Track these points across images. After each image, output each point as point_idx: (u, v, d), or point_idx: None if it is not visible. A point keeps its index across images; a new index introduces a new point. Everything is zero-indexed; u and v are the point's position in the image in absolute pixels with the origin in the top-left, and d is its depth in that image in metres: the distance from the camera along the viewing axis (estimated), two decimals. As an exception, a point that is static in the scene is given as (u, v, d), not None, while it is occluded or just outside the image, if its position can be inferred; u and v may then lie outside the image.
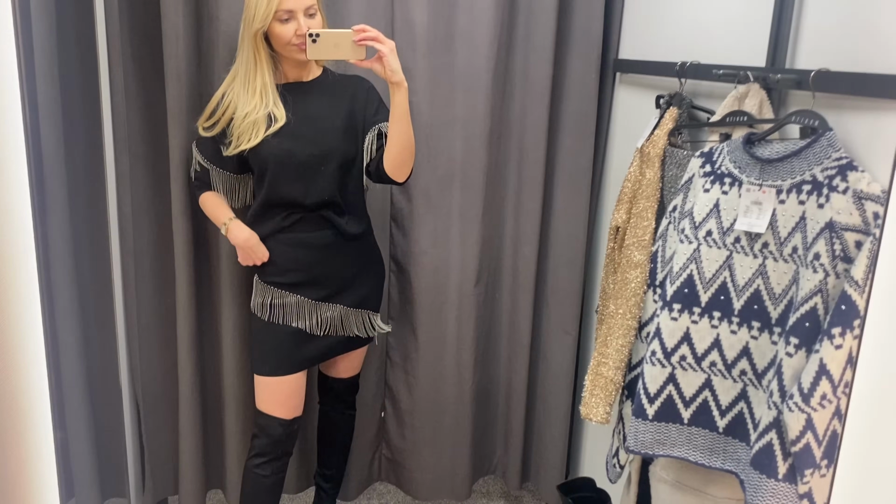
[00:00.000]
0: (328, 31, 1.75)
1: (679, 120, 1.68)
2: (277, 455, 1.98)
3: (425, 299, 2.31)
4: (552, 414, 2.50)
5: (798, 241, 1.30)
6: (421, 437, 2.43)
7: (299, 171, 1.85)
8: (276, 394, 1.95)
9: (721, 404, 1.45)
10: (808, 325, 1.25)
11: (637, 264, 1.60)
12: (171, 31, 1.97)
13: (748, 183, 1.38)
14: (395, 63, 1.73)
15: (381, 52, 1.72)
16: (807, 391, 1.22)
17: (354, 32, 1.73)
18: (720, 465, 1.46)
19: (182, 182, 2.06)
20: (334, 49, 1.75)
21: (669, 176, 1.63)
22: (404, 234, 2.29)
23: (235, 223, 1.92)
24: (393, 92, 1.77)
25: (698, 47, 1.79)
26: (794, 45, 1.44)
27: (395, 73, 1.74)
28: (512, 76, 2.24)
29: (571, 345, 2.43)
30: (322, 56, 1.77)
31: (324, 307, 1.96)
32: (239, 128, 1.83)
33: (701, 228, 1.44)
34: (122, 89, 2.03)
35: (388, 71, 1.73)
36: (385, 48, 1.72)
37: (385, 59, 1.72)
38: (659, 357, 1.47)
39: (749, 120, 1.45)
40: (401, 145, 1.83)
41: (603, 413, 1.66)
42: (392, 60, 1.72)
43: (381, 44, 1.72)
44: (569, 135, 2.30)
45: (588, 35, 2.22)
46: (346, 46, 1.74)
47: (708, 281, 1.43)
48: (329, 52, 1.76)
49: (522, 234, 2.36)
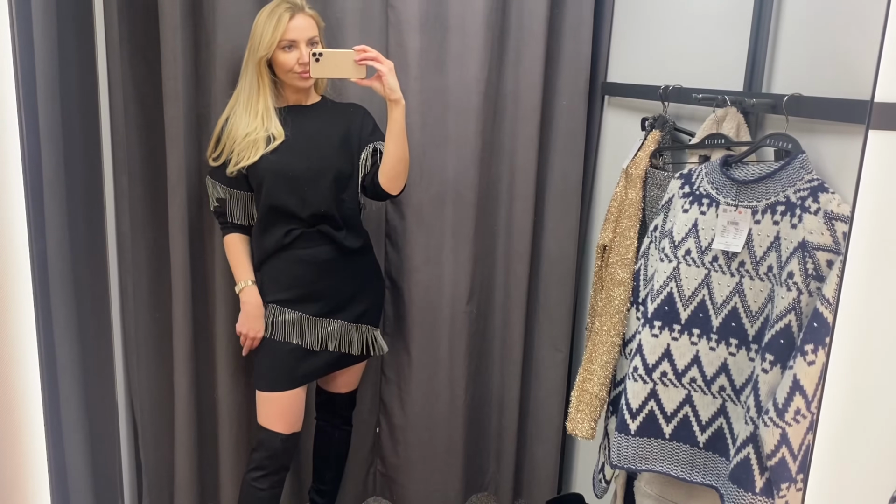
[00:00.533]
0: (331, 50, 1.84)
1: (661, 142, 1.72)
2: (275, 469, 2.02)
3: (418, 316, 2.35)
4: (544, 431, 2.52)
5: (773, 260, 1.34)
6: (414, 452, 2.45)
7: (295, 184, 1.92)
8: (275, 408, 2.00)
9: (701, 419, 1.48)
10: (782, 341, 1.29)
11: (620, 282, 1.64)
12: (170, 54, 2.03)
13: (725, 203, 1.42)
14: (394, 82, 1.82)
15: (380, 71, 1.81)
16: (781, 406, 1.25)
17: (355, 52, 1.81)
18: (701, 479, 1.49)
19: (179, 201, 2.11)
20: (336, 68, 1.83)
21: (651, 196, 1.67)
22: (398, 251, 2.33)
23: (252, 288, 2.02)
24: (391, 109, 1.86)
25: (681, 71, 1.84)
26: (769, 71, 1.49)
27: (393, 91, 1.83)
28: (503, 98, 2.30)
29: (562, 362, 2.47)
30: (325, 74, 1.85)
31: (324, 322, 2.00)
32: (239, 146, 1.91)
33: (680, 247, 1.48)
34: (121, 110, 2.08)
35: (386, 89, 1.82)
36: (384, 67, 1.81)
37: (384, 77, 1.81)
38: (641, 373, 1.51)
39: (727, 142, 1.50)
40: (396, 158, 1.91)
41: (588, 428, 1.69)
42: (391, 79, 1.81)
43: (380, 63, 1.81)
44: (559, 155, 2.35)
45: (577, 59, 2.28)
46: (347, 65, 1.82)
47: (687, 298, 1.47)
48: (331, 70, 1.84)
49: (514, 252, 2.40)
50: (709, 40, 1.74)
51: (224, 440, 2.32)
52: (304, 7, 1.90)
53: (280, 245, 1.97)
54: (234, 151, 1.93)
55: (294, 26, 1.87)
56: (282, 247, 1.97)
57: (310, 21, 1.90)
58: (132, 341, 2.24)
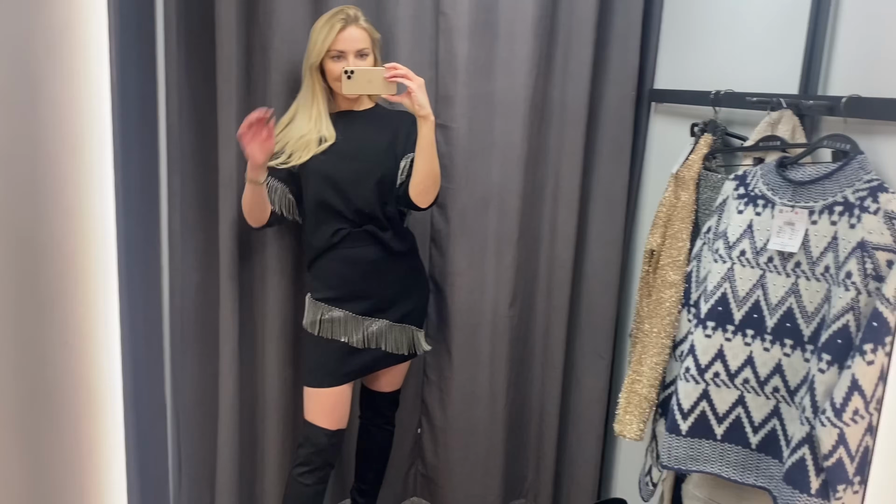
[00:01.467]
0: (362, 68, 1.89)
1: (713, 145, 1.73)
2: (320, 465, 2.05)
3: (460, 319, 2.37)
4: (584, 438, 2.52)
5: (830, 261, 1.34)
6: (454, 455, 2.46)
7: (341, 185, 1.98)
8: (322, 405, 2.04)
9: (754, 421, 1.48)
10: (840, 342, 1.28)
11: (672, 284, 1.65)
12: (225, 58, 2.08)
13: (781, 204, 1.42)
14: (423, 98, 1.85)
15: (410, 87, 1.84)
16: (839, 406, 1.25)
17: (386, 69, 1.85)
18: (753, 481, 1.48)
19: (230, 202, 2.16)
20: (368, 84, 1.88)
21: (704, 199, 1.68)
22: (442, 255, 2.36)
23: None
24: (420, 125, 1.89)
25: (732, 76, 1.85)
26: (826, 72, 1.49)
27: (422, 108, 1.85)
28: (549, 104, 2.32)
29: (605, 369, 2.46)
30: (357, 91, 1.90)
31: (368, 321, 2.04)
32: (293, 146, 1.98)
33: (734, 248, 1.48)
34: (176, 112, 2.13)
35: (415, 105, 1.85)
36: (413, 84, 1.84)
37: (413, 94, 1.84)
38: (693, 374, 1.51)
39: (782, 144, 1.50)
40: (424, 173, 1.93)
41: (637, 430, 1.69)
42: (420, 96, 1.84)
43: (410, 80, 1.84)
44: (604, 162, 2.37)
45: (624, 65, 2.29)
46: (378, 82, 1.87)
47: (741, 299, 1.47)
48: (363, 87, 1.89)
49: (557, 258, 2.41)
50: (761, 44, 1.75)
51: (268, 439, 2.35)
52: (358, 19, 1.95)
53: (329, 244, 2.02)
54: (286, 149, 1.99)
55: (344, 37, 1.92)
56: (330, 246, 2.02)
57: (362, 33, 1.95)
58: (178, 338, 2.28)
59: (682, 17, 2.16)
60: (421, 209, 2.02)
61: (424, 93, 1.86)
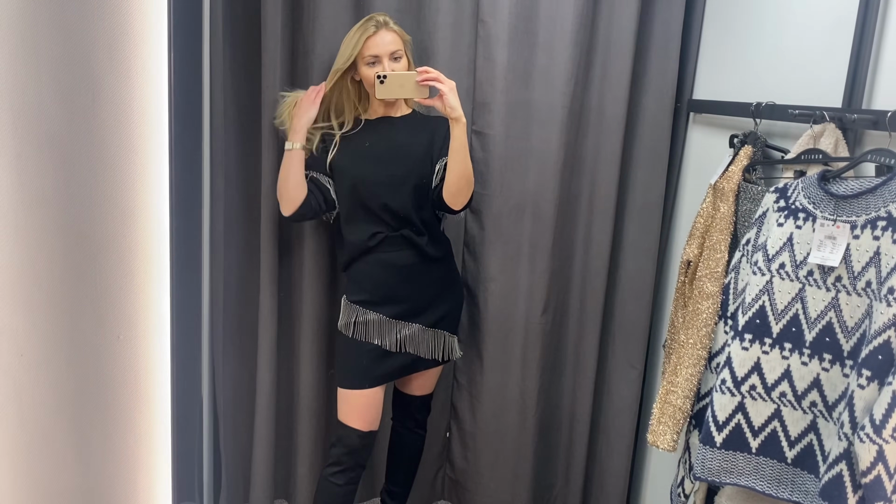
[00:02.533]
0: (394, 73, 1.92)
1: (753, 157, 1.72)
2: (352, 465, 2.07)
3: (492, 325, 2.38)
4: (614, 448, 2.51)
5: (872, 276, 1.33)
6: (483, 460, 2.47)
7: (378, 189, 2.01)
8: (355, 406, 2.06)
9: (790, 435, 1.47)
10: (880, 357, 1.27)
11: (709, 295, 1.64)
12: (270, 62, 2.12)
13: (822, 218, 1.41)
14: (455, 101, 1.87)
15: (441, 91, 1.86)
16: (879, 422, 1.24)
17: (418, 73, 1.88)
18: (788, 495, 1.47)
19: (271, 204, 2.19)
20: (400, 89, 1.91)
21: (743, 210, 1.67)
22: (475, 260, 2.37)
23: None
24: (452, 127, 1.91)
25: (773, 88, 1.84)
26: (871, 85, 1.48)
27: (454, 110, 1.88)
28: (587, 113, 2.32)
29: (637, 379, 2.46)
30: (389, 95, 1.93)
31: (402, 325, 2.06)
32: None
33: (774, 261, 1.48)
34: (221, 115, 2.18)
35: (447, 108, 1.88)
36: (445, 87, 1.86)
37: (445, 97, 1.86)
38: (729, 386, 1.50)
39: (824, 158, 1.49)
40: (458, 175, 1.95)
41: (670, 440, 1.69)
42: (451, 98, 1.87)
43: (441, 84, 1.86)
44: (641, 171, 2.36)
45: (664, 75, 2.29)
46: (410, 86, 1.90)
47: (780, 312, 1.46)
48: (395, 91, 1.91)
49: (591, 267, 2.41)
50: (805, 56, 1.74)
51: (302, 437, 2.39)
52: (388, 23, 1.98)
53: (365, 248, 2.04)
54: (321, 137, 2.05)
55: (376, 42, 1.94)
56: (366, 249, 2.04)
57: (393, 36, 1.97)
58: (218, 337, 2.32)
59: (723, 27, 2.16)
60: (455, 212, 2.04)
61: (456, 95, 1.88)
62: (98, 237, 0.95)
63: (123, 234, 0.95)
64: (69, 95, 0.93)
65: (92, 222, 0.95)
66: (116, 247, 0.95)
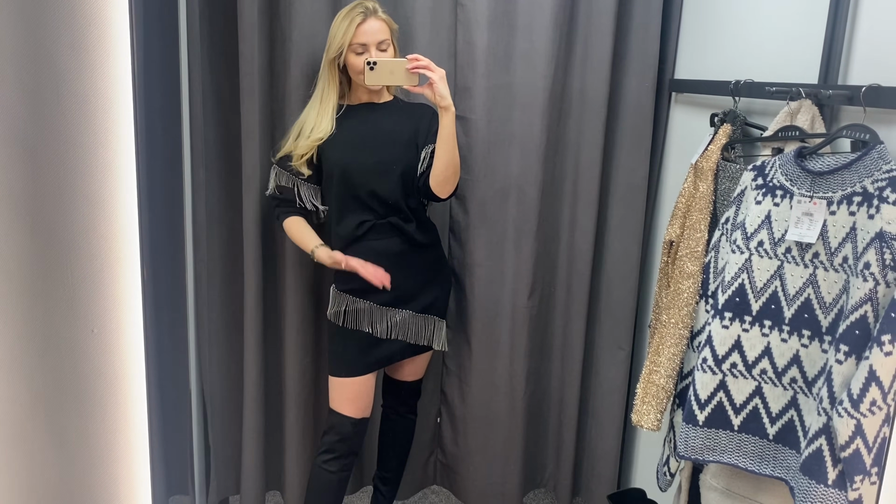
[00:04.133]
0: (385, 59, 1.91)
1: (732, 136, 1.72)
2: (345, 453, 2.09)
3: (480, 310, 2.38)
4: (604, 429, 2.52)
5: (848, 251, 1.33)
6: (473, 445, 2.48)
7: (365, 177, 2.01)
8: (346, 393, 2.07)
9: (771, 412, 1.48)
10: (857, 332, 1.28)
11: (690, 275, 1.65)
12: (248, 50, 2.11)
13: (799, 195, 1.41)
14: (445, 89, 1.88)
15: (431, 79, 1.86)
16: (856, 397, 1.25)
17: (408, 61, 1.87)
18: (770, 471, 1.48)
19: (253, 194, 2.19)
20: (390, 76, 1.90)
21: (722, 189, 1.67)
22: (461, 246, 2.37)
23: (322, 249, 2.05)
24: (441, 115, 1.91)
25: (752, 66, 1.84)
26: (846, 62, 1.48)
27: (443, 99, 1.88)
28: (569, 95, 2.32)
29: (624, 360, 2.47)
30: (379, 82, 1.92)
31: (392, 312, 2.06)
32: (309, 140, 2.01)
33: (752, 239, 1.48)
34: (199, 104, 2.17)
35: (437, 96, 1.88)
36: (435, 76, 1.87)
37: (435, 85, 1.87)
38: (710, 364, 1.51)
39: (801, 134, 1.49)
40: (445, 164, 1.96)
41: (654, 420, 1.70)
42: (441, 87, 1.87)
43: (431, 72, 1.87)
44: (624, 152, 2.36)
45: (644, 55, 2.28)
46: (400, 73, 1.89)
47: (759, 290, 1.47)
48: (385, 78, 1.91)
49: (576, 250, 2.41)
50: (781, 34, 1.74)
51: (290, 429, 2.39)
52: (376, 11, 1.97)
53: (353, 236, 2.04)
54: (300, 146, 2.02)
55: (364, 30, 1.94)
56: (355, 238, 2.04)
57: (381, 25, 1.97)
58: (205, 329, 2.32)
59: (703, 6, 2.15)
60: (441, 200, 2.04)
61: (446, 84, 1.88)
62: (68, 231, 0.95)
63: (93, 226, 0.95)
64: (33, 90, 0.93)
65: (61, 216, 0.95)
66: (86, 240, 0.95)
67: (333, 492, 2.13)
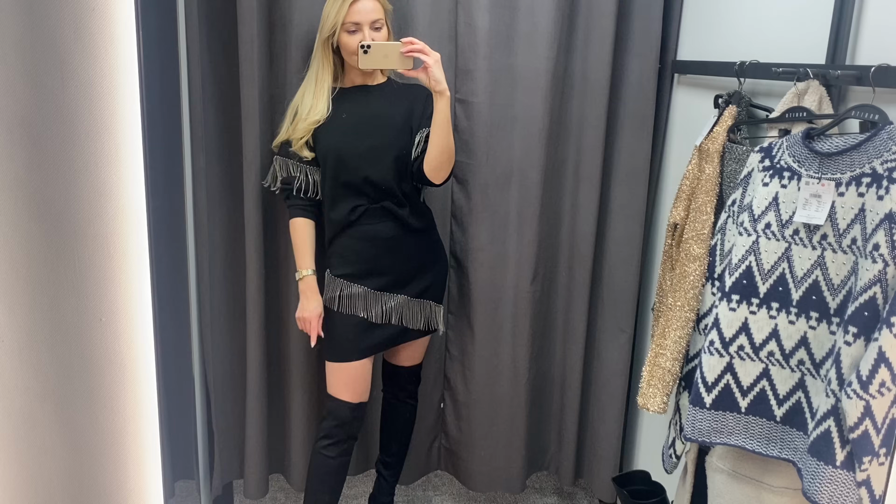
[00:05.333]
0: (379, 42, 1.89)
1: (738, 117, 1.71)
2: (343, 438, 2.09)
3: (482, 295, 2.37)
4: (606, 412, 2.53)
5: (857, 233, 1.33)
6: (477, 429, 2.48)
7: (358, 161, 1.99)
8: (343, 378, 2.07)
9: (779, 393, 1.48)
10: (866, 314, 1.28)
11: (696, 257, 1.64)
12: (247, 35, 2.08)
13: (807, 176, 1.41)
14: (439, 73, 1.85)
15: (426, 63, 1.84)
16: (865, 378, 1.25)
17: (403, 44, 1.85)
18: (777, 453, 1.48)
19: (254, 179, 2.17)
20: (384, 59, 1.88)
21: (728, 171, 1.66)
22: (463, 231, 2.36)
23: (311, 278, 2.08)
24: (436, 100, 1.89)
25: (757, 46, 1.82)
26: (854, 42, 1.47)
27: (438, 83, 1.85)
28: (571, 77, 2.30)
29: (627, 343, 2.47)
30: (373, 65, 1.90)
31: (387, 297, 2.05)
32: (305, 123, 2.00)
33: (760, 221, 1.48)
34: (199, 89, 2.14)
35: (431, 81, 1.85)
36: (430, 59, 1.84)
37: (430, 69, 1.84)
38: (717, 347, 1.51)
39: (808, 115, 1.48)
40: (440, 149, 1.94)
41: (660, 403, 1.70)
42: (436, 71, 1.84)
43: (426, 55, 1.84)
44: (626, 135, 2.35)
45: (647, 37, 2.26)
46: (394, 57, 1.87)
47: (766, 272, 1.46)
48: (379, 61, 1.89)
49: (579, 233, 2.40)
50: (787, 13, 1.72)
51: (293, 412, 2.39)
52: None
53: (347, 221, 2.03)
54: (298, 129, 2.01)
55: (357, 9, 1.91)
56: (348, 223, 2.03)
57: (375, 4, 1.94)
58: (207, 314, 2.31)
59: (706, -14, 2.13)
60: (435, 185, 2.02)
61: (440, 68, 1.86)
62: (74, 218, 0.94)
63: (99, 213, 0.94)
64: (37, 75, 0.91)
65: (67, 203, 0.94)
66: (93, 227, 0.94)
67: (333, 476, 2.14)
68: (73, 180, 0.92)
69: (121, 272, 0.99)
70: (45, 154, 0.92)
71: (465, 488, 2.59)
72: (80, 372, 0.97)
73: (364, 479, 2.62)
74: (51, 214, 0.94)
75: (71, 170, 0.92)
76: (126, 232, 0.99)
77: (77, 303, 0.95)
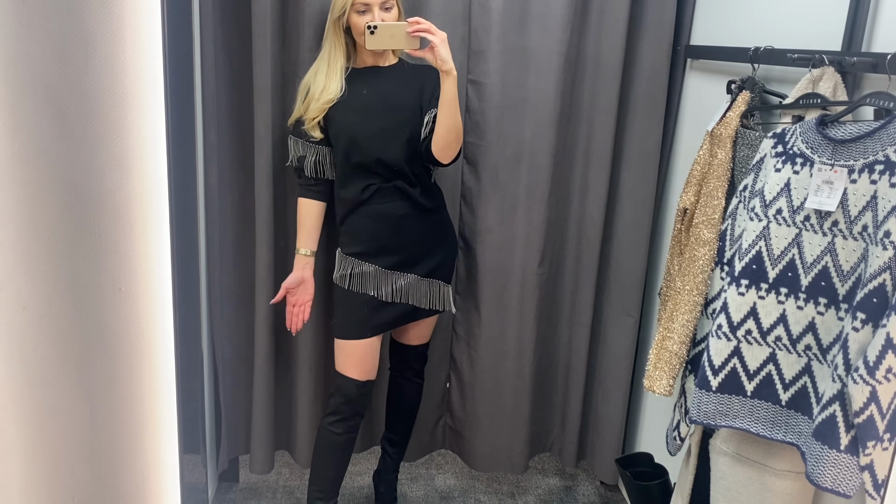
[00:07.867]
0: (385, 23, 1.89)
1: (751, 103, 1.71)
2: (350, 414, 2.11)
3: (490, 276, 2.39)
4: (610, 394, 2.55)
5: (868, 220, 1.34)
6: (481, 409, 2.51)
7: (370, 142, 2.00)
8: (352, 356, 2.08)
9: (785, 378, 1.49)
10: (875, 300, 1.29)
11: (706, 242, 1.65)
12: (260, 11, 2.08)
13: (820, 163, 1.41)
14: (446, 53, 1.85)
15: (433, 42, 1.84)
16: (872, 364, 1.26)
17: (409, 24, 1.84)
18: (782, 437, 1.50)
19: (265, 156, 2.18)
20: (391, 39, 1.88)
21: (740, 157, 1.67)
22: (472, 212, 2.37)
23: (304, 259, 2.15)
24: (443, 79, 1.89)
25: (771, 32, 1.82)
26: (870, 29, 1.47)
27: (444, 63, 1.85)
28: (583, 60, 2.30)
29: (633, 327, 2.48)
30: (380, 46, 1.90)
31: (397, 276, 2.07)
32: (317, 104, 2.01)
33: (771, 207, 1.48)
34: (211, 66, 2.14)
35: (438, 60, 1.85)
36: (436, 39, 1.84)
37: (436, 49, 1.84)
38: (725, 331, 1.52)
39: (823, 102, 1.48)
40: (447, 129, 1.94)
41: (666, 385, 1.72)
42: (443, 50, 1.84)
43: (433, 35, 1.84)
44: (637, 119, 2.35)
45: (660, 21, 2.26)
46: (401, 37, 1.87)
47: (776, 258, 1.47)
48: (386, 42, 1.89)
49: (587, 217, 2.41)
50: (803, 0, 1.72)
51: (301, 388, 2.41)
52: None
53: (359, 200, 2.04)
54: (311, 109, 2.02)
55: None
56: (360, 202, 2.04)
57: None
58: (216, 290, 2.33)
59: (722, -29, 2.12)
60: (443, 165, 2.03)
61: (447, 47, 1.86)
62: (95, 188, 0.95)
63: (120, 184, 0.95)
64: (61, 45, 0.92)
65: (89, 173, 0.94)
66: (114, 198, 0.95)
67: (340, 452, 2.16)
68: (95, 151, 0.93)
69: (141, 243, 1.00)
70: (67, 125, 0.92)
71: (468, 467, 2.61)
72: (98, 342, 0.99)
73: (368, 456, 2.65)
74: (72, 184, 0.95)
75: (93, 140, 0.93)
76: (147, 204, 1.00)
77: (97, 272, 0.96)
